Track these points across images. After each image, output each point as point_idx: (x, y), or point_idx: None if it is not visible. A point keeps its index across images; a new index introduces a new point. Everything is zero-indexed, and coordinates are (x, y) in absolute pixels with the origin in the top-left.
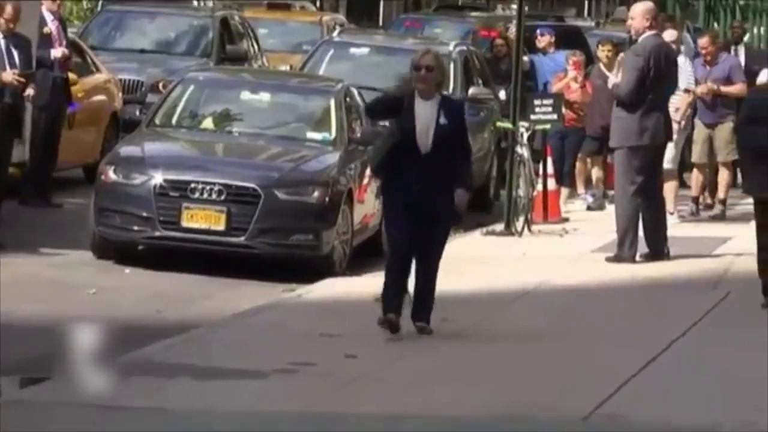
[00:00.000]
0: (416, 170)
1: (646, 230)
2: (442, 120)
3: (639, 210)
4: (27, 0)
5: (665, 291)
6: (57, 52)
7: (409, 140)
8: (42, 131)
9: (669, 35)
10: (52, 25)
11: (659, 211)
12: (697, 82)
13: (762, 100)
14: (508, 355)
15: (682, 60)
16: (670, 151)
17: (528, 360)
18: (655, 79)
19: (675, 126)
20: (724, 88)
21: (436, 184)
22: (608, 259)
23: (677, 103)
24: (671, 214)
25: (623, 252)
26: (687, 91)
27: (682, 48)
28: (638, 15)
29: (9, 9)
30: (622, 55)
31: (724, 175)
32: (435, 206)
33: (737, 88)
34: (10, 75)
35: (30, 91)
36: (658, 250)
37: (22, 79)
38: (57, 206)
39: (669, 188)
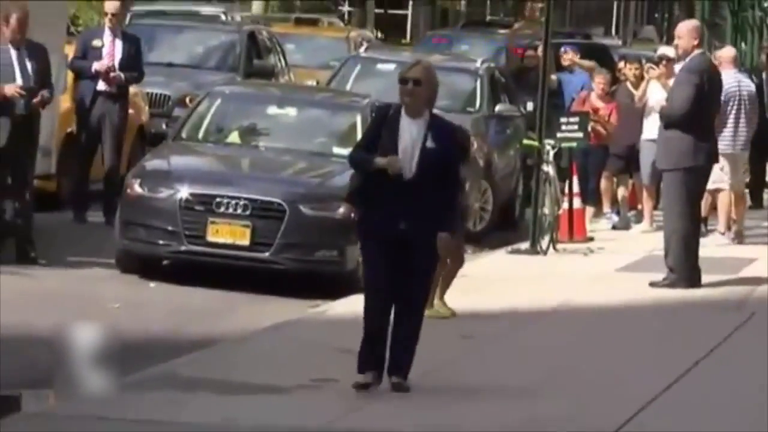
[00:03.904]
0: (399, 200)
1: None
2: (429, 143)
3: (696, 232)
4: (52, 1)
5: (690, 311)
6: (98, 64)
7: None
8: (83, 144)
9: (728, 51)
10: (107, 39)
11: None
12: None
13: None
14: (531, 372)
15: (740, 77)
16: (726, 172)
17: (551, 378)
18: (708, 98)
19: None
20: None
21: (422, 217)
22: (657, 285)
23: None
24: (722, 234)
25: (681, 276)
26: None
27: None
28: (686, 34)
29: (13, 20)
30: (649, 72)
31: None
32: (418, 243)
33: None
34: (12, 88)
35: (42, 95)
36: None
37: (23, 92)
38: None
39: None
